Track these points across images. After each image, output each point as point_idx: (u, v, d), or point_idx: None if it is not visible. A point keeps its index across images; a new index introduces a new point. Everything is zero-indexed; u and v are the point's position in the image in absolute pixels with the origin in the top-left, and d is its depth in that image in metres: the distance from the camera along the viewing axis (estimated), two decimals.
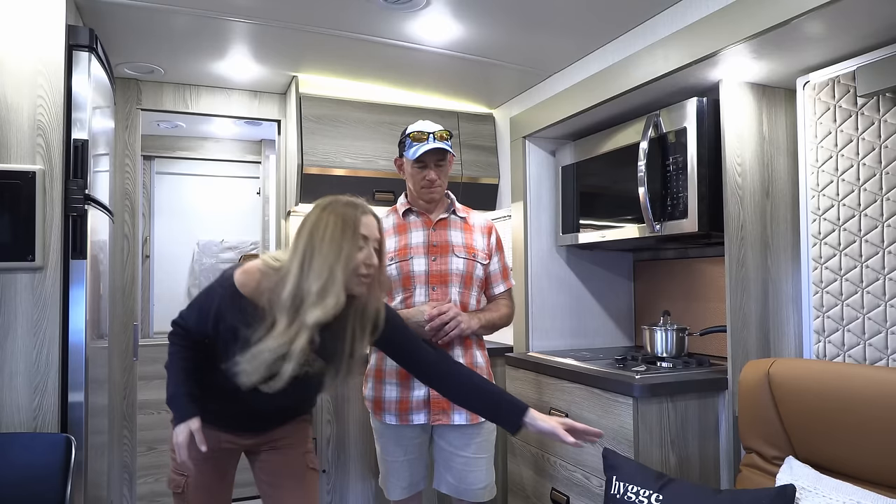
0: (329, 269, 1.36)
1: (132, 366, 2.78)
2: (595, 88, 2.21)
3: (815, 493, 1.38)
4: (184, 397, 1.51)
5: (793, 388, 1.54)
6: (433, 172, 1.90)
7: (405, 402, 1.88)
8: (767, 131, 1.93)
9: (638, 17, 2.07)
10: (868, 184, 1.60)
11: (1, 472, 1.62)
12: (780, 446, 1.57)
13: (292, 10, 2.10)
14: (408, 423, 1.88)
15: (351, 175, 2.78)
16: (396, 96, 2.94)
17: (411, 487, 1.96)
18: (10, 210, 1.73)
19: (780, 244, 1.93)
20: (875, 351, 1.58)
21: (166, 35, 2.33)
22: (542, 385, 2.25)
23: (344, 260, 1.38)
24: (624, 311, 2.80)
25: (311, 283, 1.36)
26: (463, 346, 1.92)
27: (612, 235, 2.29)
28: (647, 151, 2.04)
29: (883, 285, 1.57)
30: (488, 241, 2.01)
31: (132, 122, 2.83)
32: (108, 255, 2.29)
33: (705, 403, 1.90)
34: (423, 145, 1.87)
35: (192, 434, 1.46)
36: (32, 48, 1.78)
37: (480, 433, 1.91)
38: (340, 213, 1.42)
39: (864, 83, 1.57)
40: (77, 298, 1.83)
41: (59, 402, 1.77)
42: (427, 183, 1.90)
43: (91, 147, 1.89)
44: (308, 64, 2.66)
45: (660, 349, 2.20)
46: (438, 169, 1.91)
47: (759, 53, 1.71)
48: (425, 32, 2.26)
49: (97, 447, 2.09)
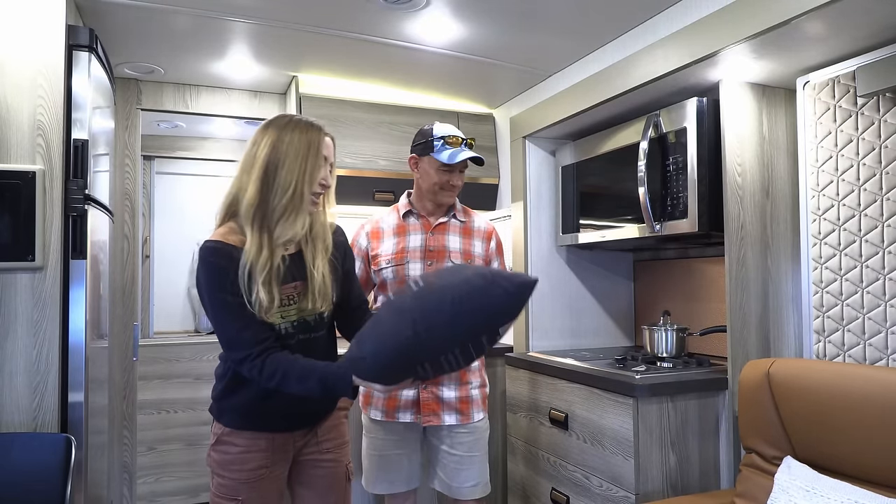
0: (294, 184, 1.38)
1: (132, 366, 2.78)
2: (595, 88, 2.21)
3: (813, 492, 1.38)
4: (330, 374, 1.35)
5: (793, 388, 1.54)
6: (458, 178, 1.93)
7: (393, 400, 1.89)
8: (767, 131, 1.93)
9: (638, 17, 2.07)
10: (868, 184, 1.60)
11: (1, 472, 1.62)
12: (779, 446, 1.57)
13: (292, 10, 2.10)
14: (394, 419, 1.90)
15: (351, 175, 2.78)
16: (396, 96, 2.94)
17: (399, 483, 1.94)
18: (10, 210, 1.73)
19: (780, 244, 1.93)
20: (875, 351, 1.58)
21: (166, 35, 2.33)
22: (542, 385, 2.25)
23: (308, 177, 1.40)
24: (624, 311, 2.80)
25: (276, 198, 1.38)
26: None
27: (612, 235, 2.29)
28: (647, 151, 2.04)
29: (883, 285, 1.57)
30: (487, 247, 2.01)
31: (132, 122, 2.84)
32: (108, 255, 2.29)
33: (705, 403, 1.90)
34: (461, 151, 1.90)
35: (376, 389, 1.35)
36: (32, 48, 1.78)
37: (472, 432, 1.92)
38: (304, 130, 1.43)
39: (864, 83, 1.57)
40: (77, 298, 1.83)
41: (59, 402, 1.77)
42: (450, 187, 1.93)
43: (91, 147, 1.89)
44: (308, 64, 2.66)
45: (660, 349, 2.20)
46: (461, 175, 1.95)
47: (759, 53, 1.71)
48: (425, 32, 2.26)
49: (97, 447, 2.09)
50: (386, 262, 1.92)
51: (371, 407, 1.92)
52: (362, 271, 1.98)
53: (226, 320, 1.37)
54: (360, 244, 2.00)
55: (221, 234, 1.41)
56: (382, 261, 1.94)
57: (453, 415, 1.89)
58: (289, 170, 1.38)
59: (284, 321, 1.42)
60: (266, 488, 1.48)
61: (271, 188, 1.38)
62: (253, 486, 1.46)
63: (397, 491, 1.95)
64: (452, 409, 1.90)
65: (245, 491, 1.45)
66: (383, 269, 1.93)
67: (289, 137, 1.41)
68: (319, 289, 1.45)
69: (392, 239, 1.95)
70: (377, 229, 1.99)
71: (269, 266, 1.37)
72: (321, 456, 1.57)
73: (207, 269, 1.37)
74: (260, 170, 1.39)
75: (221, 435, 1.47)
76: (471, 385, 1.94)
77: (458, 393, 1.91)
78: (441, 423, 1.88)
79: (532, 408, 2.30)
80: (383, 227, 1.99)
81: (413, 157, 1.98)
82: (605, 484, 1.90)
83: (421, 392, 1.88)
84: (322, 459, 1.57)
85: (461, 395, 1.91)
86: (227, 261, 1.36)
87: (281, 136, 1.41)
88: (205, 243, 1.39)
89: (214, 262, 1.36)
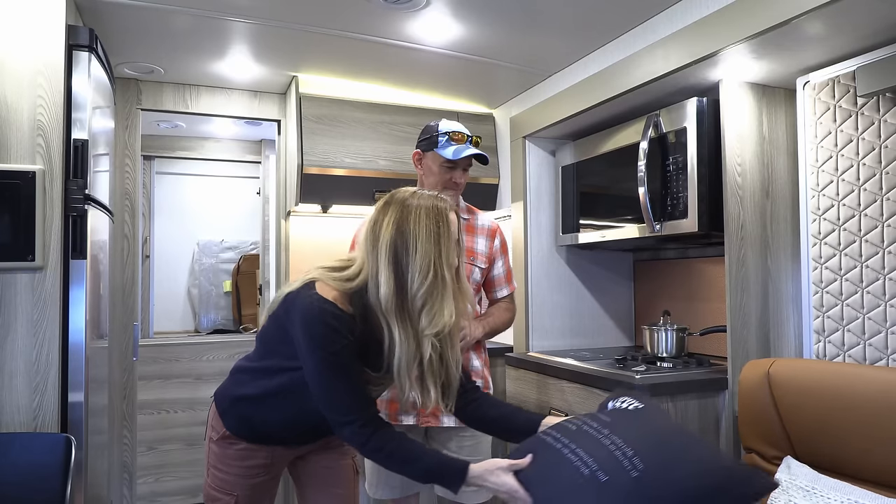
0: (431, 266, 1.25)
1: (132, 366, 2.78)
2: (595, 88, 2.21)
3: (812, 492, 1.38)
4: (445, 464, 1.31)
5: (793, 388, 1.54)
6: (461, 176, 1.92)
7: (395, 403, 1.86)
8: (767, 131, 1.93)
9: (638, 17, 2.07)
10: (868, 184, 1.60)
11: (1, 472, 1.62)
12: (779, 446, 1.57)
13: (292, 10, 2.10)
14: (397, 422, 1.86)
15: (351, 175, 2.78)
16: (396, 96, 2.94)
17: (400, 489, 1.91)
18: (10, 210, 1.73)
19: (780, 244, 1.93)
20: (875, 351, 1.58)
21: (166, 35, 2.33)
22: (542, 385, 2.25)
23: (444, 257, 1.27)
24: (624, 311, 2.80)
25: (415, 285, 1.26)
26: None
27: (612, 235, 2.29)
28: (647, 151, 2.04)
29: (883, 285, 1.57)
30: (491, 245, 1.97)
31: (132, 122, 2.84)
32: (108, 255, 2.29)
33: (705, 403, 1.89)
34: (465, 148, 1.88)
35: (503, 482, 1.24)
36: (32, 48, 1.78)
37: (474, 436, 1.88)
38: (431, 205, 1.31)
39: (864, 83, 1.57)
40: (77, 298, 1.83)
41: (59, 402, 1.77)
42: (453, 185, 1.91)
43: (91, 147, 1.89)
44: (308, 64, 2.66)
45: (660, 349, 2.20)
46: (464, 173, 1.93)
47: (759, 53, 1.71)
48: (425, 32, 2.26)
49: (97, 447, 2.09)
50: None
51: None
52: None
53: (334, 378, 1.29)
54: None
55: (338, 299, 1.29)
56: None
57: (452, 417, 1.81)
58: (424, 251, 1.26)
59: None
60: (263, 487, 1.49)
61: (405, 275, 1.26)
62: (250, 484, 1.46)
63: (399, 496, 1.92)
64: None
65: (241, 488, 1.45)
66: None
67: (415, 213, 1.29)
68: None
69: None
70: None
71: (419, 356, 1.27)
72: (326, 454, 1.57)
73: (325, 330, 1.26)
74: (386, 254, 1.27)
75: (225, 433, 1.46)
76: None
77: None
78: (440, 424, 1.86)
79: (532, 408, 2.30)
80: None
81: (417, 153, 1.95)
82: None
83: None
84: (327, 457, 1.58)
85: None
86: (346, 331, 1.27)
87: (405, 211, 1.30)
88: (322, 303, 1.27)
89: (336, 327, 1.27)
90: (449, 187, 1.91)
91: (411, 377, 1.29)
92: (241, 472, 1.45)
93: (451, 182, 1.90)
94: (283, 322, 1.35)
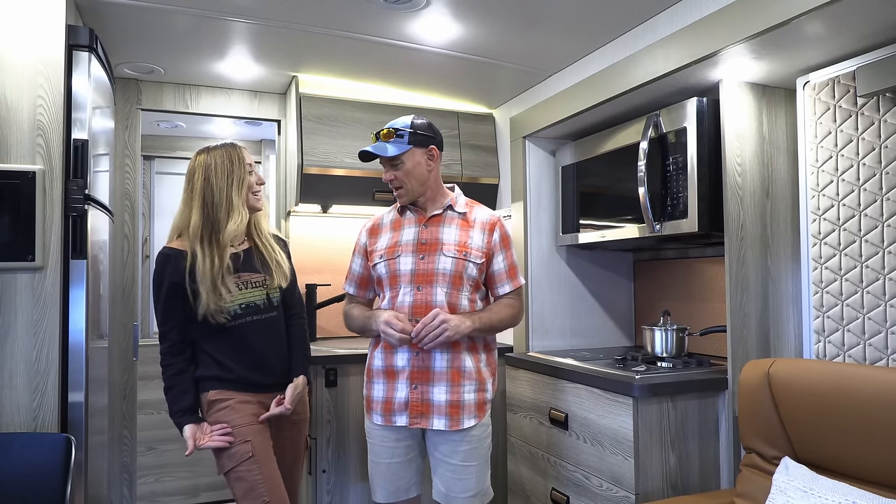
0: (228, 196, 1.78)
1: (132, 366, 2.78)
2: (595, 88, 2.21)
3: (811, 493, 1.38)
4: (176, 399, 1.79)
5: (793, 388, 1.54)
6: (387, 173, 1.88)
7: (389, 403, 1.83)
8: (767, 131, 1.93)
9: (638, 17, 2.07)
10: (868, 184, 1.60)
11: (1, 472, 1.62)
12: (780, 446, 1.57)
13: (292, 10, 2.10)
14: (391, 423, 1.83)
15: (351, 175, 2.78)
16: (396, 96, 2.94)
17: (398, 493, 1.88)
18: (10, 210, 1.73)
19: (780, 244, 1.93)
20: (875, 351, 1.58)
21: (166, 35, 2.33)
22: (543, 385, 2.25)
23: (237, 184, 1.80)
24: (624, 311, 2.80)
25: (218, 210, 1.77)
26: (449, 350, 1.80)
27: (612, 235, 2.30)
28: (647, 151, 2.04)
29: (883, 285, 1.57)
30: (489, 239, 1.88)
31: (132, 122, 2.84)
32: (108, 255, 2.29)
33: (705, 403, 1.90)
34: (367, 145, 1.90)
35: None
36: (32, 48, 1.78)
37: (469, 441, 1.82)
38: (223, 152, 1.82)
39: (864, 83, 1.57)
40: (77, 298, 1.83)
41: (59, 402, 1.77)
42: (386, 183, 1.90)
43: (91, 147, 1.89)
44: (308, 64, 2.66)
45: (660, 349, 2.20)
46: (393, 168, 1.86)
47: (759, 53, 1.71)
48: (425, 32, 2.26)
49: (97, 447, 2.09)
50: (379, 257, 1.88)
51: (373, 412, 1.88)
52: (363, 269, 1.97)
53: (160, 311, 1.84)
54: (360, 241, 1.99)
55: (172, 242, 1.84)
56: (376, 256, 1.90)
57: (442, 419, 1.79)
58: (222, 187, 1.79)
59: (232, 304, 1.77)
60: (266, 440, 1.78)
61: (211, 206, 1.78)
62: (256, 431, 1.75)
63: (398, 500, 1.89)
64: (441, 413, 1.80)
65: (251, 433, 1.74)
66: (377, 264, 1.88)
67: (212, 161, 1.81)
68: (276, 269, 1.88)
69: (388, 234, 1.92)
70: (376, 226, 1.98)
71: (220, 264, 1.76)
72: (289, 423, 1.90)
73: (159, 278, 1.82)
74: (200, 196, 1.79)
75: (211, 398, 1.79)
76: (464, 389, 1.81)
77: (448, 396, 1.80)
78: (429, 426, 1.81)
79: (532, 408, 2.30)
80: (382, 223, 1.98)
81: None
82: (605, 484, 1.90)
83: (411, 392, 1.81)
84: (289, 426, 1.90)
85: (451, 398, 1.80)
86: (174, 265, 1.79)
87: (208, 161, 1.81)
88: (162, 252, 1.83)
89: (165, 270, 1.81)
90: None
91: (212, 283, 1.76)
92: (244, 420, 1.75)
93: (385, 181, 1.91)
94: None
